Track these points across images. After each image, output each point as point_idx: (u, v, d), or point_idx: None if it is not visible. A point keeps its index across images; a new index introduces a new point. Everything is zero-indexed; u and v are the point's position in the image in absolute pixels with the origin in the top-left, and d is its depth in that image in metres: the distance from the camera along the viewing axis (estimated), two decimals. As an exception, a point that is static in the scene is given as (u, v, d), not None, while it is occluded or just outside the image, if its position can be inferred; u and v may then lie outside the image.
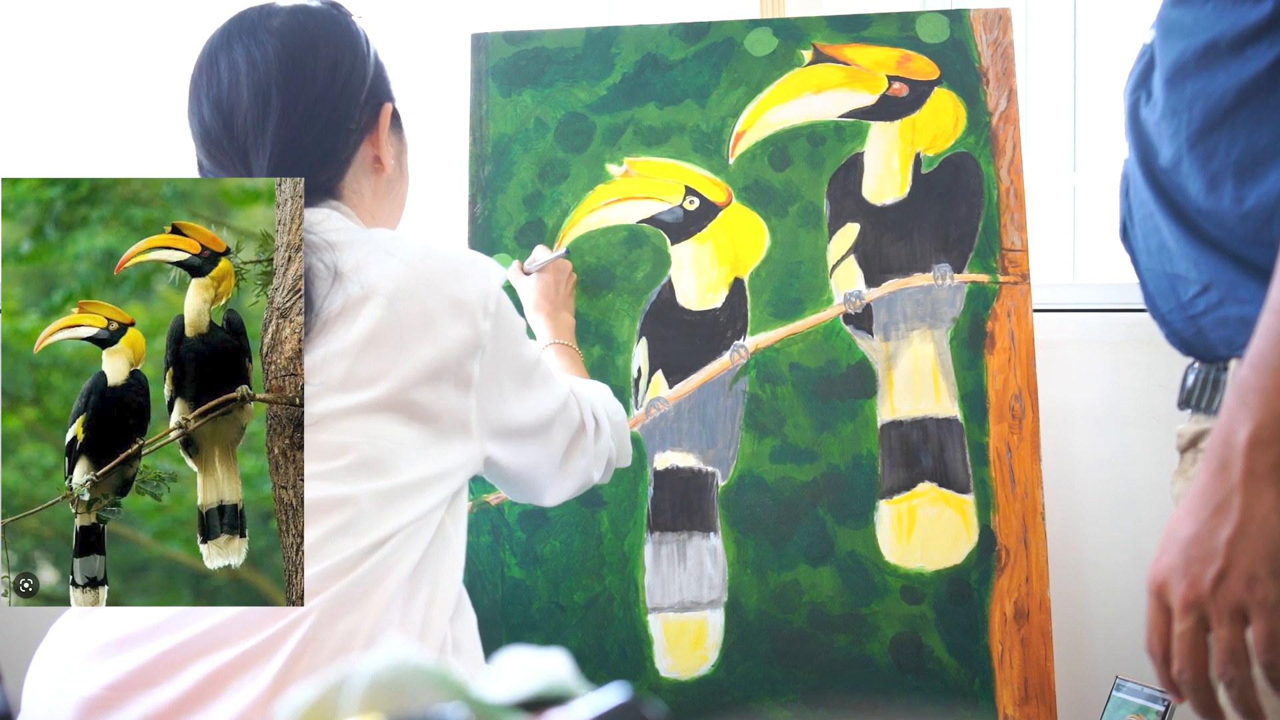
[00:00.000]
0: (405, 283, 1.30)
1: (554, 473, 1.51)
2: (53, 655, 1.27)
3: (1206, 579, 1.02)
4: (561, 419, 1.48)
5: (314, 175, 1.35)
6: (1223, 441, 1.04)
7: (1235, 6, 1.18)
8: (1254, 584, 1.00)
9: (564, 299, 1.84)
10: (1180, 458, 1.35)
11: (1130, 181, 1.33)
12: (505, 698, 0.68)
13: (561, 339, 1.78)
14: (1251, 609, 1.00)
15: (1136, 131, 1.30)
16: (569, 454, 1.51)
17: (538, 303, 1.81)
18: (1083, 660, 1.97)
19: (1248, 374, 1.04)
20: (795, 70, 1.88)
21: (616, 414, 1.60)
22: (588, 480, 1.56)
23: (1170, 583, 1.04)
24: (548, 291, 1.82)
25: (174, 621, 1.22)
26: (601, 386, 1.64)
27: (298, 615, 1.20)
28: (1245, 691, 1.01)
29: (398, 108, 1.46)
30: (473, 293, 1.34)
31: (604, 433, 1.55)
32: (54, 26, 2.34)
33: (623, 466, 1.64)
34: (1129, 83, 1.34)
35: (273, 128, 1.33)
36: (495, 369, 1.36)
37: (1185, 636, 1.03)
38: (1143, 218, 1.30)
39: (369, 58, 1.41)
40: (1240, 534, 1.01)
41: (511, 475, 1.45)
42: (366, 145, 1.41)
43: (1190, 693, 1.04)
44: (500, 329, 1.36)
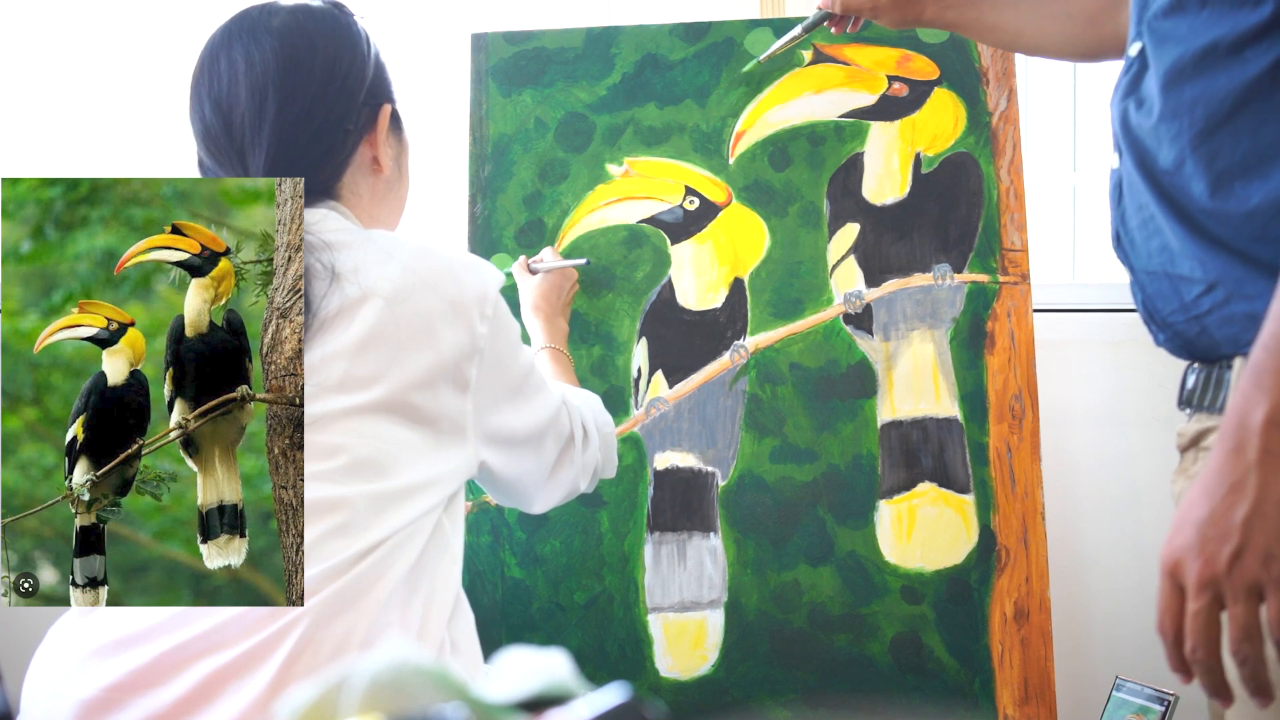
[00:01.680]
0: (403, 284, 1.30)
1: (543, 481, 1.51)
2: (51, 656, 1.27)
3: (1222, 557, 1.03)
4: (553, 429, 1.48)
5: (311, 175, 1.35)
6: (1238, 423, 1.05)
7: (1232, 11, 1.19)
8: (1270, 561, 1.02)
9: (563, 305, 1.84)
10: (1181, 457, 1.36)
11: (1124, 188, 1.34)
12: (505, 698, 0.68)
13: (555, 344, 1.78)
14: (1267, 586, 1.02)
15: (1130, 139, 1.31)
16: (558, 464, 1.52)
17: (536, 304, 1.81)
18: (1083, 660, 1.97)
19: (1262, 356, 1.05)
20: (795, 70, 1.88)
21: (605, 425, 1.61)
22: (574, 490, 1.56)
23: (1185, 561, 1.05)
24: (549, 295, 1.82)
25: (172, 622, 1.22)
26: (591, 396, 1.64)
27: (294, 616, 1.20)
28: (1257, 669, 1.02)
29: (398, 109, 1.45)
30: (471, 295, 1.34)
31: (592, 444, 1.56)
32: (54, 26, 2.34)
33: (607, 478, 1.65)
34: (1116, 94, 1.35)
35: (269, 126, 1.33)
36: (492, 373, 1.36)
37: (1199, 615, 1.04)
38: (1141, 222, 1.31)
39: (369, 58, 1.40)
40: (1256, 512, 1.03)
41: (502, 481, 1.45)
42: (365, 146, 1.40)
43: (1202, 672, 1.05)
44: (497, 333, 1.36)
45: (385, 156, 1.41)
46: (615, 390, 1.86)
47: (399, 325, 1.29)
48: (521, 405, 1.42)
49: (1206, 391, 1.29)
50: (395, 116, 1.44)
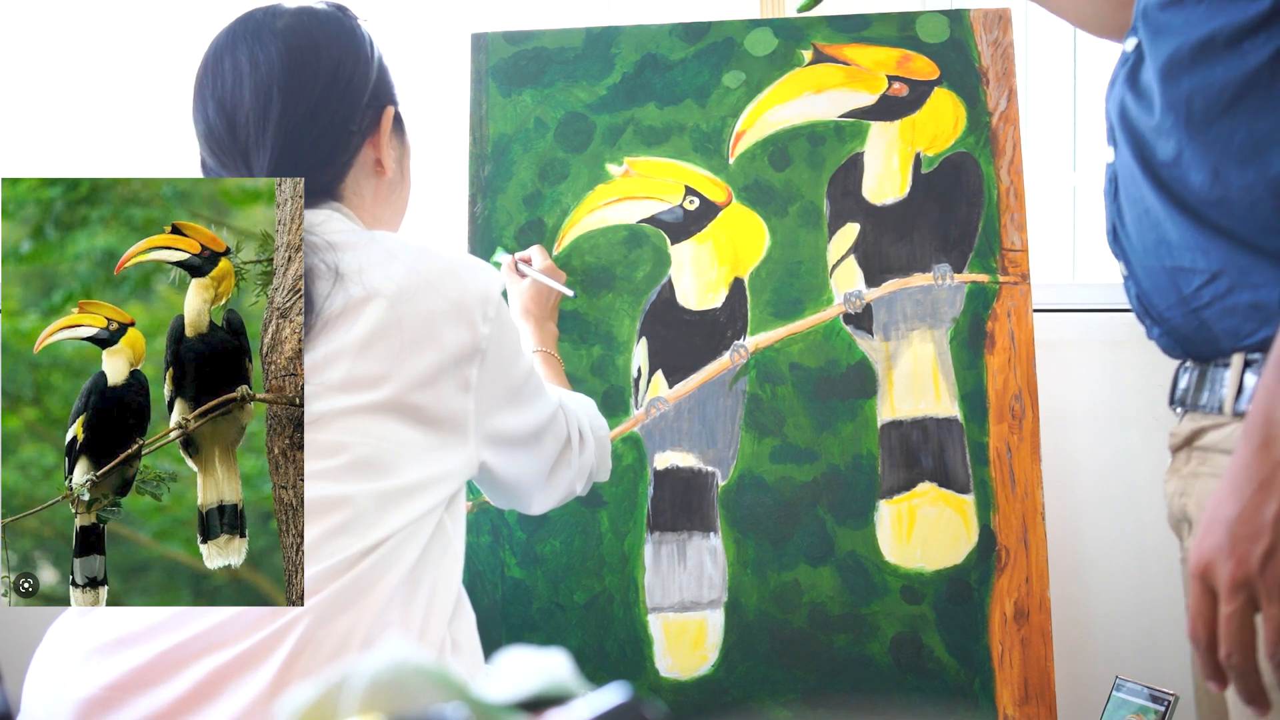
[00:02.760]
0: (407, 285, 1.30)
1: (541, 482, 1.54)
2: (51, 655, 1.27)
3: (1255, 557, 1.00)
4: (551, 431, 1.50)
5: (315, 176, 1.36)
6: (1263, 419, 1.03)
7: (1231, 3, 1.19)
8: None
9: (551, 309, 1.84)
10: (1173, 457, 1.35)
11: (1120, 182, 1.33)
12: (505, 698, 0.68)
13: (546, 347, 1.79)
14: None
15: (1128, 132, 1.31)
16: (556, 466, 1.54)
17: (526, 308, 1.81)
18: (1083, 660, 1.97)
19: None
20: (795, 70, 1.88)
21: (600, 429, 1.63)
22: (570, 492, 1.59)
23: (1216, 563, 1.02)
24: (539, 299, 1.82)
25: (172, 622, 1.22)
26: (586, 400, 1.66)
27: (295, 615, 1.20)
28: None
29: (400, 112, 1.46)
30: (473, 297, 1.34)
31: (588, 447, 1.58)
32: (54, 26, 2.34)
33: (601, 480, 1.67)
34: (1111, 88, 1.35)
35: (274, 128, 1.34)
36: (493, 375, 1.37)
37: (1233, 617, 1.01)
38: (1137, 216, 1.30)
39: (373, 61, 1.41)
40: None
41: (502, 482, 1.47)
42: (368, 148, 1.42)
43: (1238, 677, 1.02)
44: (499, 335, 1.37)
45: (388, 158, 1.43)
46: (615, 390, 1.86)
47: (402, 325, 1.29)
48: (522, 407, 1.43)
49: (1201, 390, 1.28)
50: (398, 119, 1.45)
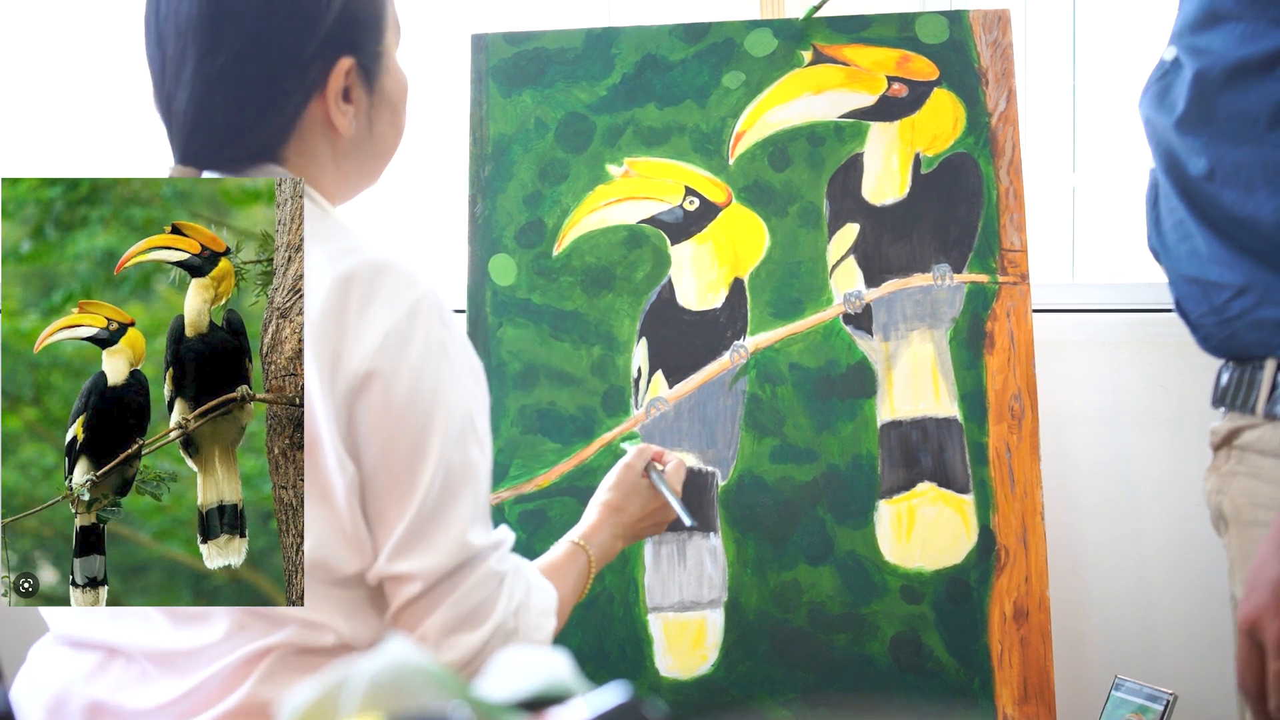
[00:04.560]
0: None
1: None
2: (41, 658, 1.27)
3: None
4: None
5: (247, 136, 1.23)
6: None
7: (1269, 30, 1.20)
8: None
9: (632, 523, 1.57)
10: (1214, 455, 1.36)
11: (1159, 190, 1.34)
12: (505, 698, 0.68)
13: (587, 543, 1.51)
14: None
15: (1160, 145, 1.31)
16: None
17: (613, 499, 1.57)
18: (1082, 660, 1.97)
19: None
20: (795, 71, 1.88)
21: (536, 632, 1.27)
22: None
23: (1263, 622, 1.06)
24: (630, 507, 1.57)
25: (169, 632, 1.21)
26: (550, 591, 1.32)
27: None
28: None
29: (371, 60, 1.26)
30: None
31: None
32: (54, 26, 2.34)
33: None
34: (1145, 97, 1.36)
35: (190, 77, 1.22)
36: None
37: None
38: (1173, 225, 1.31)
39: (326, 8, 1.22)
40: None
41: None
42: (315, 105, 1.24)
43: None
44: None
45: (342, 116, 1.25)
46: (615, 390, 1.86)
47: None
48: None
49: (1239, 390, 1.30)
50: (363, 70, 1.25)
